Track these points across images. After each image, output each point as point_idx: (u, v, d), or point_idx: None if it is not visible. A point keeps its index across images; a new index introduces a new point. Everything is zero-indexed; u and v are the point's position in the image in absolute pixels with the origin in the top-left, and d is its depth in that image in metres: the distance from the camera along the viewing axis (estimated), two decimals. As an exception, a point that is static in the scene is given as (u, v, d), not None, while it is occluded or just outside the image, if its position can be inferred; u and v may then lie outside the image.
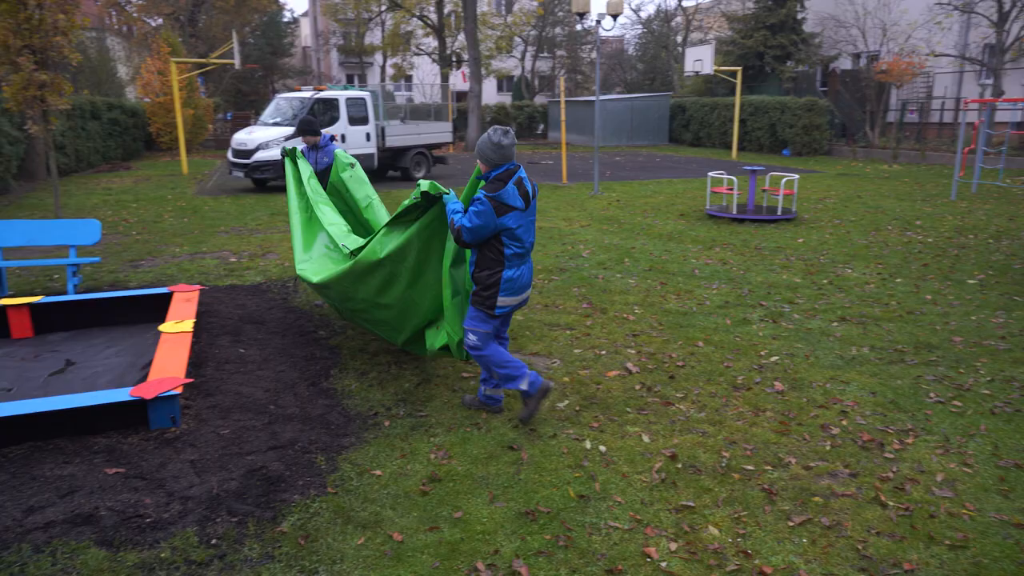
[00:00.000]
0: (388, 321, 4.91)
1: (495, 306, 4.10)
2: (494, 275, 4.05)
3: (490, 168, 4.02)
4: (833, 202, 13.57)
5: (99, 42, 32.58)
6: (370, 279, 4.63)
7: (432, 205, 4.26)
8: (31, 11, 10.14)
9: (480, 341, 4.19)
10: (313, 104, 15.93)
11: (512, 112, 36.83)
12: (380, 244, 4.47)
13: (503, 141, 3.96)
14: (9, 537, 3.12)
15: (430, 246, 4.39)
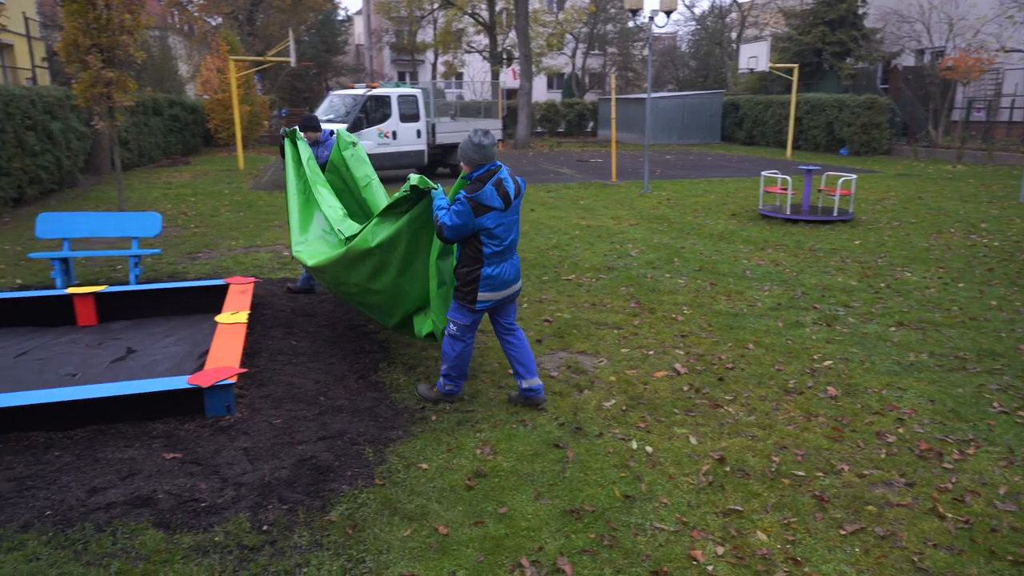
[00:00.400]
0: (379, 305, 5.13)
1: (475, 301, 4.24)
2: (474, 272, 4.19)
3: (472, 169, 4.16)
4: (892, 203, 13.15)
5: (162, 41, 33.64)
6: (361, 266, 4.84)
7: (421, 198, 4.44)
8: (100, 11, 10.53)
9: (460, 332, 4.36)
10: (366, 101, 16.16)
11: (562, 110, 36.73)
12: (372, 233, 4.67)
13: (483, 142, 4.11)
14: (74, 515, 3.26)
15: (419, 237, 4.58)
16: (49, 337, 5.69)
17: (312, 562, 3.01)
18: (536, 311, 6.52)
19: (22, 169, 12.60)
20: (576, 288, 7.32)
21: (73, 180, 15.21)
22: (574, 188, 15.75)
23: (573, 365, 5.22)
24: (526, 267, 8.20)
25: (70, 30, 10.65)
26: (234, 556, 3.03)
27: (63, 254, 7.04)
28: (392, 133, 16.54)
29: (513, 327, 4.53)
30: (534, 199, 13.96)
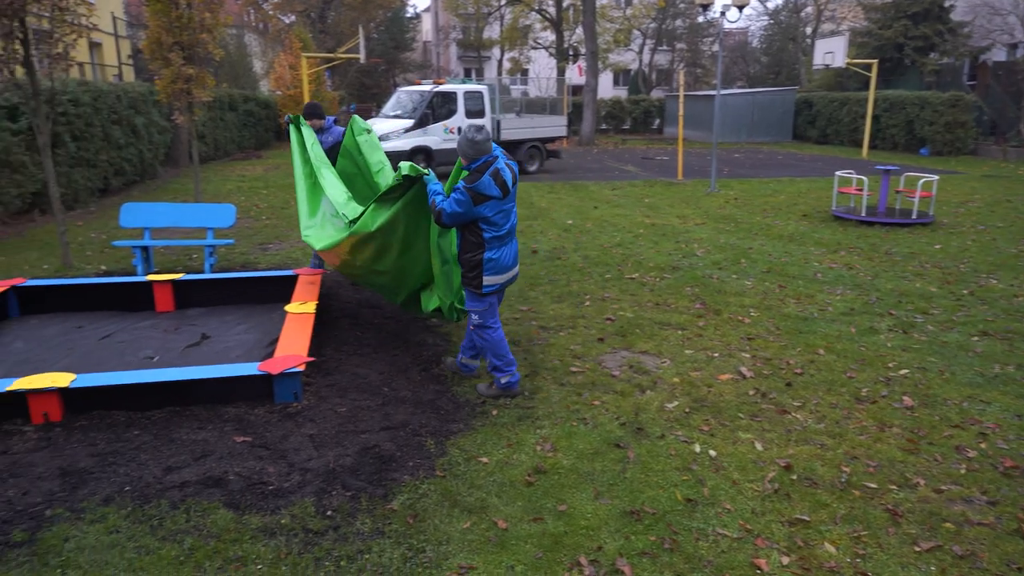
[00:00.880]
0: (386, 284, 5.48)
1: (482, 285, 4.43)
2: (476, 257, 4.39)
3: (468, 161, 4.35)
4: (977, 206, 12.51)
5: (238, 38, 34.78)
6: (365, 249, 5.07)
7: (414, 184, 4.66)
8: (182, 10, 10.95)
9: (482, 318, 4.53)
10: (432, 97, 16.34)
11: (627, 106, 36.32)
12: (371, 218, 4.86)
13: (477, 137, 4.29)
14: (151, 492, 3.41)
15: (416, 219, 4.84)
16: (130, 321, 5.96)
17: (374, 549, 3.06)
18: (598, 309, 6.47)
19: (108, 161, 13.24)
20: (639, 287, 7.23)
21: (154, 172, 15.90)
22: (639, 186, 15.57)
23: (635, 365, 5.16)
24: (589, 264, 8.15)
25: (154, 28, 11.11)
26: (299, 539, 3.11)
27: (144, 242, 7.37)
28: (457, 129, 16.66)
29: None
30: (597, 196, 13.86)
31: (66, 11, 7.39)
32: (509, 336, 5.70)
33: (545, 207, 12.49)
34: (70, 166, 11.73)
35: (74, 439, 3.89)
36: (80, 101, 12.06)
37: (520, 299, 6.77)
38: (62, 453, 3.75)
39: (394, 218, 4.78)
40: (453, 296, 4.97)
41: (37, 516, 3.22)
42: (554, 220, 11.13)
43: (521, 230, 10.29)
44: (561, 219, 11.22)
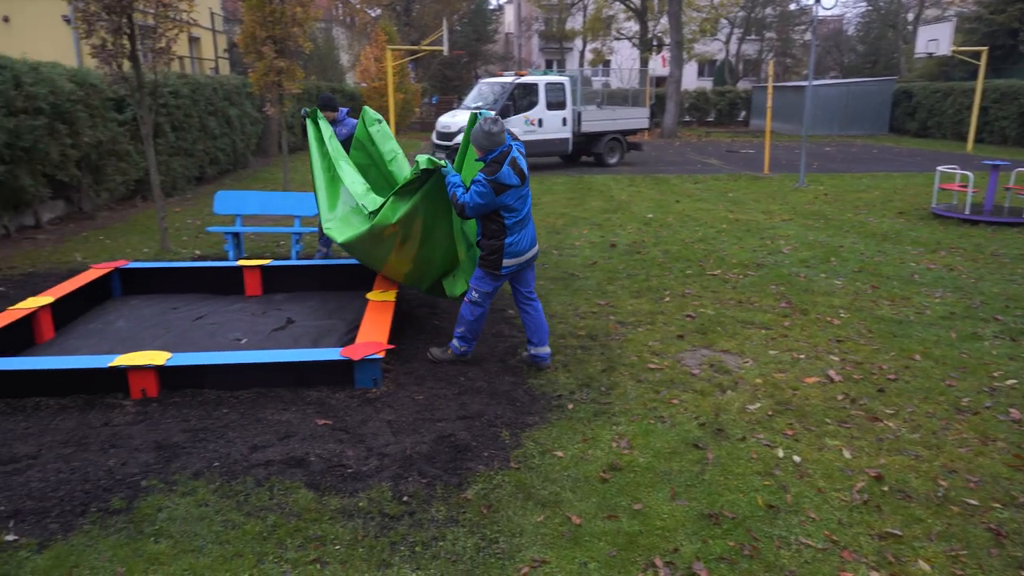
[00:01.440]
0: (409, 273, 5.55)
1: (500, 267, 4.60)
2: (498, 242, 4.54)
3: (483, 153, 4.48)
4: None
5: (326, 32, 35.77)
6: (387, 241, 5.12)
7: (431, 176, 4.74)
8: (275, 5, 11.33)
9: (480, 299, 4.72)
10: (514, 89, 16.35)
11: (712, 98, 35.41)
12: (391, 210, 4.91)
13: (492, 129, 4.42)
14: (237, 469, 3.55)
15: (435, 209, 4.95)
16: (221, 304, 6.23)
17: (448, 536, 3.08)
18: (678, 305, 6.32)
19: (204, 151, 13.87)
20: (722, 284, 7.03)
21: (245, 161, 16.56)
22: (722, 180, 15.15)
23: (716, 364, 5.01)
24: (670, 259, 7.98)
25: (249, 23, 11.55)
26: (376, 522, 3.17)
27: (236, 229, 7.68)
28: (538, 121, 16.63)
29: (532, 296, 4.88)
30: (679, 190, 13.57)
31: (169, 7, 7.75)
32: (586, 330, 5.65)
33: (625, 200, 12.32)
34: (169, 155, 12.35)
35: (168, 414, 4.10)
36: (180, 93, 12.67)
37: (598, 293, 6.69)
38: (157, 427, 3.95)
39: (413, 209, 4.85)
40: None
41: (134, 486, 3.40)
42: (634, 214, 10.96)
43: (599, 223, 10.19)
44: (641, 213, 11.03)
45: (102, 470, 3.52)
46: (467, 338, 4.84)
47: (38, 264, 7.89)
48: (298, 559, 2.92)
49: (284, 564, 2.90)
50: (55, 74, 9.52)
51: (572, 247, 8.63)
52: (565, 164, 18.55)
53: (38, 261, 8.03)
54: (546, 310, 6.14)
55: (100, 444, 3.77)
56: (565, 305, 6.31)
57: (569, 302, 6.40)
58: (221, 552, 2.96)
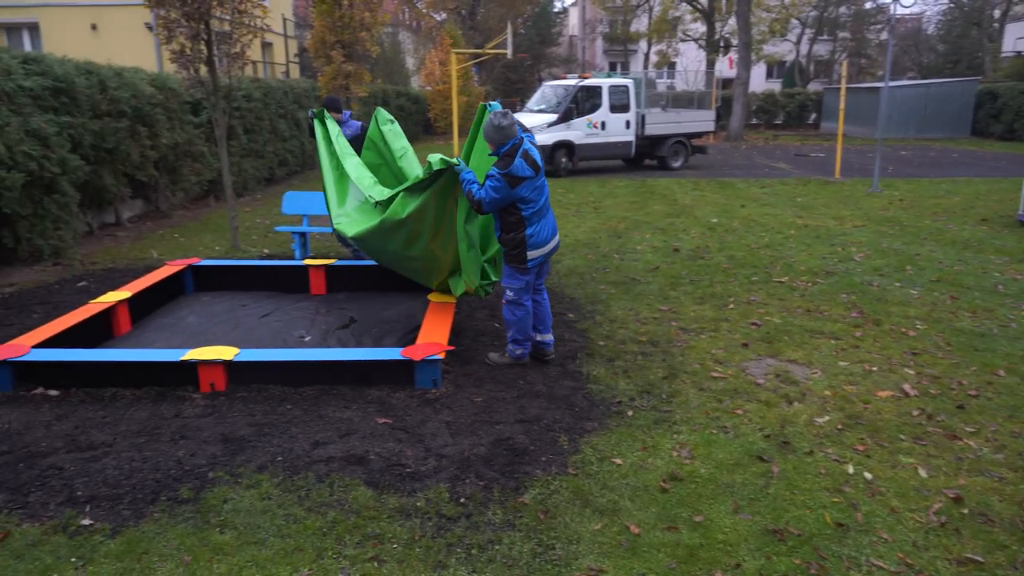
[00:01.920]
0: (418, 269, 5.58)
1: (526, 259, 4.63)
2: (519, 235, 4.59)
3: (495, 147, 4.54)
4: None
5: (393, 36, 36.44)
6: (396, 235, 5.14)
7: (443, 174, 4.70)
8: (344, 10, 11.60)
9: (517, 296, 4.74)
10: (577, 91, 16.28)
11: (781, 100, 34.53)
12: (401, 206, 4.94)
13: (503, 123, 4.47)
14: (299, 464, 3.61)
15: (445, 206, 4.92)
16: (287, 302, 6.38)
17: (504, 540, 3.07)
18: (743, 313, 6.16)
19: (274, 152, 14.29)
20: (789, 291, 6.81)
21: (312, 162, 16.98)
22: (791, 184, 14.73)
23: (782, 374, 4.85)
24: (734, 265, 7.79)
25: (319, 28, 11.86)
26: (433, 523, 3.17)
27: (302, 229, 7.87)
28: (601, 124, 16.51)
29: (541, 287, 5.00)
30: (745, 194, 13.25)
31: (244, 14, 8.01)
32: (647, 336, 5.56)
33: (688, 204, 12.10)
34: (241, 156, 12.77)
35: (235, 408, 4.21)
36: (252, 97, 13.08)
37: (660, 299, 6.58)
38: (224, 420, 4.07)
39: (424, 205, 4.85)
40: (479, 278, 5.05)
41: (201, 477, 3.51)
42: (698, 218, 10.75)
43: (662, 227, 10.03)
44: (705, 217, 10.82)
45: (172, 460, 3.64)
46: (519, 340, 4.85)
47: (118, 260, 8.27)
48: (356, 556, 2.95)
49: (343, 560, 2.93)
50: (137, 79, 9.96)
51: (634, 251, 8.52)
52: (628, 167, 18.36)
53: (118, 257, 8.41)
54: (606, 315, 6.09)
55: (171, 435, 3.90)
56: (626, 310, 6.23)
57: (630, 307, 6.32)
58: (282, 545, 3.01)
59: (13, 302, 6.57)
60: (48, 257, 7.94)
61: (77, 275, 7.56)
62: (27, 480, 3.48)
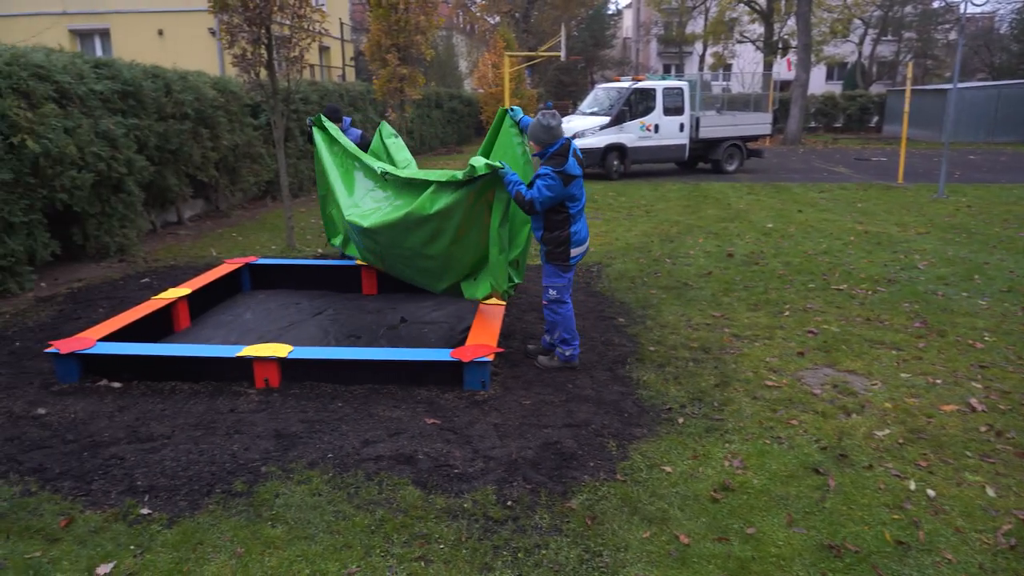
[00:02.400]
0: (430, 269, 5.34)
1: (569, 257, 4.69)
2: (563, 233, 4.64)
3: (542, 147, 4.59)
4: None
5: (446, 40, 36.74)
6: (418, 231, 5.01)
7: (483, 177, 4.62)
8: (400, 14, 11.74)
9: (559, 293, 4.77)
10: (630, 94, 16.14)
11: (841, 102, 33.60)
12: (430, 201, 4.84)
13: (552, 123, 4.54)
14: (349, 462, 3.66)
15: (476, 209, 4.80)
16: (340, 301, 6.48)
17: (551, 545, 3.04)
18: (799, 320, 5.99)
19: (330, 154, 14.56)
20: (848, 299, 6.60)
21: (367, 165, 17.24)
22: (850, 189, 14.30)
23: (840, 384, 4.70)
24: (791, 272, 7.60)
25: (375, 32, 12.04)
26: (480, 525, 3.17)
27: (356, 229, 7.98)
28: (654, 127, 16.34)
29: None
30: (803, 199, 12.92)
31: (304, 19, 8.18)
32: (699, 342, 5.46)
33: (743, 209, 11.86)
34: (297, 158, 13.05)
35: (288, 405, 4.29)
36: (309, 99, 13.36)
37: (713, 304, 6.46)
38: (277, 416, 4.15)
39: (454, 204, 4.77)
40: (507, 282, 4.95)
41: (254, 471, 3.58)
42: (752, 223, 10.53)
43: (715, 232, 9.85)
44: (760, 222, 10.59)
45: (227, 454, 3.73)
46: (567, 339, 4.84)
47: (179, 257, 8.54)
48: (404, 555, 2.97)
49: (390, 559, 2.95)
50: (200, 82, 10.28)
51: (686, 256, 8.39)
52: (681, 171, 18.12)
53: (179, 255, 8.69)
54: (657, 320, 6.00)
55: (226, 429, 4.00)
56: (678, 316, 6.13)
57: (682, 312, 6.22)
58: (332, 541, 3.05)
59: (81, 296, 6.84)
60: (114, 254, 8.26)
61: (140, 272, 7.84)
62: (91, 468, 3.61)
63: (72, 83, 7.48)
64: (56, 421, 4.12)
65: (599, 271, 7.72)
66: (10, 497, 3.38)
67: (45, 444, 3.86)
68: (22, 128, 6.51)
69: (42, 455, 3.75)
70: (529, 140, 4.76)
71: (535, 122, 4.60)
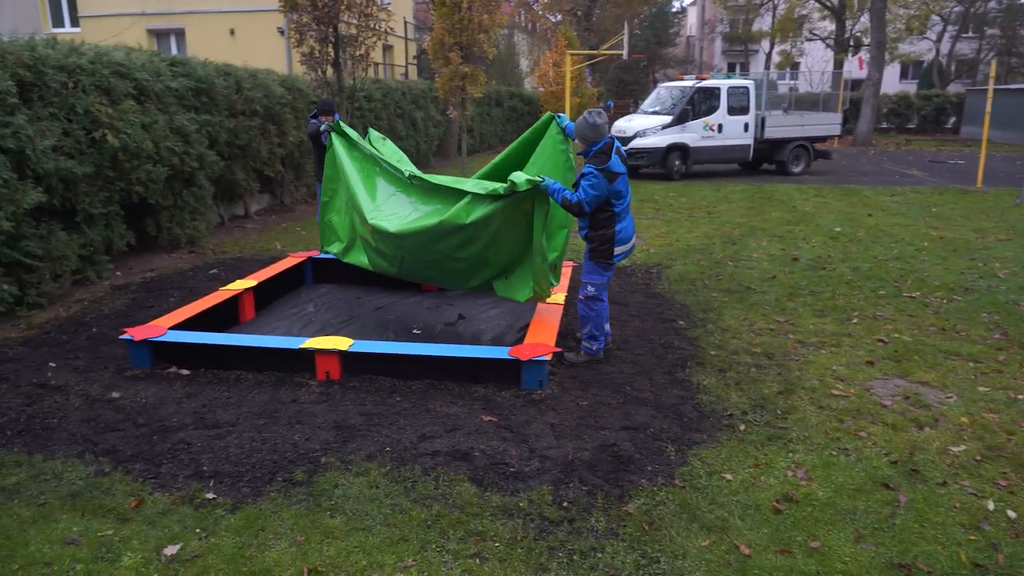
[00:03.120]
0: (460, 270, 5.29)
1: (613, 255, 4.73)
2: (608, 231, 4.67)
3: (588, 145, 4.62)
4: None
5: (508, 38, 36.83)
6: (451, 238, 4.95)
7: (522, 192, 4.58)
8: (463, 12, 11.81)
9: (597, 291, 4.79)
10: (693, 93, 15.86)
11: (916, 102, 32.28)
12: (466, 211, 4.77)
13: (598, 121, 4.57)
14: (406, 456, 3.69)
15: (513, 218, 4.79)
16: (399, 296, 6.56)
17: (607, 549, 3.00)
18: (868, 328, 5.77)
19: (391, 151, 14.78)
20: (921, 308, 6.33)
21: (427, 162, 17.43)
22: (924, 193, 13.72)
23: (912, 396, 4.51)
24: (859, 278, 7.33)
25: (438, 30, 12.14)
26: (535, 525, 3.15)
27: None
28: (718, 126, 16.01)
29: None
30: (873, 203, 12.46)
31: (370, 17, 8.32)
32: (762, 347, 5.32)
33: (809, 212, 11.51)
34: (361, 155, 13.27)
35: (348, 397, 4.36)
36: (372, 97, 13.57)
37: (776, 309, 6.28)
38: (337, 408, 4.22)
39: (491, 215, 4.73)
40: (548, 287, 5.05)
41: (315, 461, 3.65)
42: (819, 226, 10.21)
43: (780, 235, 9.59)
44: (827, 225, 10.25)
45: (288, 443, 3.81)
46: (596, 336, 4.87)
47: (245, 250, 8.79)
48: (459, 551, 2.97)
49: (446, 554, 2.96)
50: (268, 80, 10.54)
51: (749, 259, 8.19)
52: (744, 172, 17.72)
53: (245, 247, 8.94)
54: (718, 323, 5.87)
55: (288, 419, 4.08)
56: (739, 320, 5.99)
57: (744, 317, 6.07)
58: (388, 534, 3.08)
59: (153, 286, 7.11)
60: (184, 245, 8.56)
61: (209, 263, 8.10)
62: (160, 452, 3.74)
63: (150, 80, 7.77)
64: (128, 405, 4.28)
65: (659, 273, 7.60)
66: (86, 476, 3.53)
67: (118, 427, 4.02)
68: (103, 123, 6.80)
69: (115, 437, 3.90)
70: (575, 137, 4.76)
71: (581, 120, 4.63)
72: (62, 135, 6.39)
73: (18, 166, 5.84)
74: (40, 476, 3.53)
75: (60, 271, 6.41)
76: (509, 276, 5.28)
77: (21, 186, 5.80)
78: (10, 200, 5.62)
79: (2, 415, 4.16)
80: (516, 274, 5.23)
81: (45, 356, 5.08)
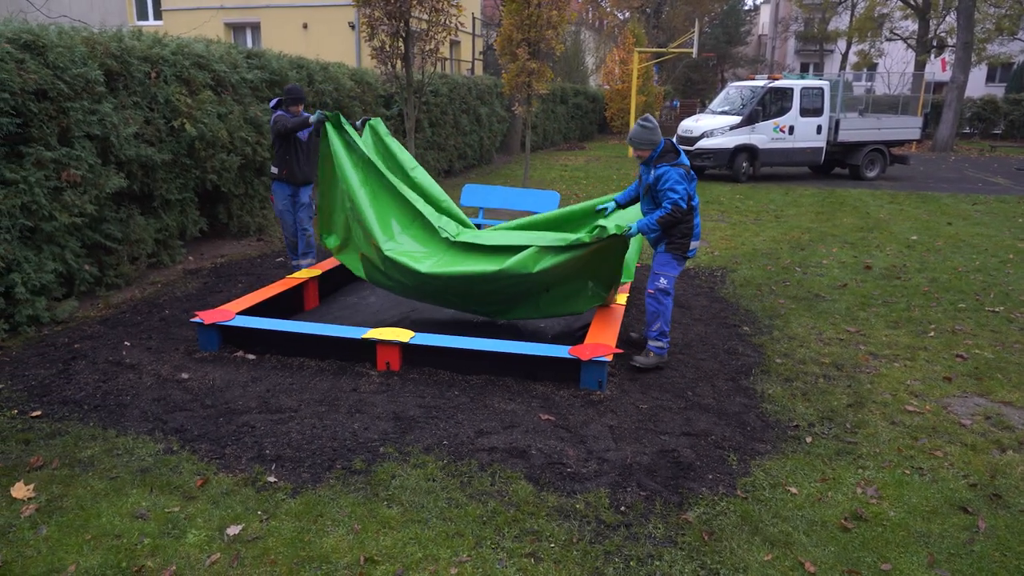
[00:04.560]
0: (493, 303, 5.23)
1: (687, 248, 4.75)
2: (687, 225, 4.70)
3: (651, 149, 4.66)
4: None
5: (575, 35, 36.62)
6: (506, 281, 4.81)
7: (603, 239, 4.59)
8: (532, 8, 11.77)
9: (669, 284, 4.77)
10: (765, 93, 15.44)
11: (1003, 107, 30.71)
12: (533, 260, 4.68)
13: (651, 126, 4.65)
14: (463, 450, 3.69)
15: (583, 258, 4.73)
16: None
17: (665, 557, 2.93)
18: (946, 343, 5.50)
19: (454, 146, 14.86)
20: (1005, 323, 6.00)
21: (489, 157, 17.48)
22: (1010, 202, 13.03)
23: (994, 416, 4.27)
24: (937, 289, 7.00)
25: (507, 26, 12.13)
26: (591, 528, 3.11)
27: (479, 220, 8.08)
28: (789, 128, 15.54)
29: None
30: (953, 211, 11.90)
31: (441, 12, 8.37)
32: (831, 358, 5.13)
33: (884, 219, 11.07)
34: (425, 148, 13.39)
35: (407, 389, 4.39)
36: (439, 92, 13.67)
37: (847, 319, 6.05)
38: (396, 399, 4.25)
39: (564, 262, 4.69)
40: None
41: (373, 450, 3.68)
42: (894, 234, 9.80)
43: (852, 242, 9.24)
44: (903, 233, 9.83)
45: (348, 431, 3.86)
46: (664, 332, 4.84)
47: (312, 240, 8.95)
48: (514, 549, 2.95)
49: (501, 552, 2.94)
50: (339, 73, 10.72)
51: (819, 265, 7.92)
52: (814, 175, 17.16)
53: (312, 237, 9.11)
54: (785, 331, 5.69)
55: (348, 407, 4.14)
56: (807, 328, 5.79)
57: (812, 325, 5.86)
58: (444, 528, 3.08)
59: (223, 271, 7.32)
60: (253, 233, 8.79)
61: (276, 251, 8.30)
62: (225, 433, 3.84)
63: (227, 72, 8.00)
64: (197, 386, 4.41)
65: (723, 276, 7.43)
66: (155, 453, 3.65)
67: (186, 407, 4.15)
68: (182, 112, 7.03)
69: (183, 417, 4.02)
70: (636, 149, 4.72)
71: (638, 129, 4.66)
72: (144, 123, 6.63)
73: (103, 152, 6.09)
74: (113, 451, 3.67)
75: (137, 254, 6.66)
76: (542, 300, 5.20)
77: (104, 171, 6.04)
78: (94, 184, 5.86)
79: (80, 390, 4.34)
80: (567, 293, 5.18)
81: (120, 335, 5.29)
